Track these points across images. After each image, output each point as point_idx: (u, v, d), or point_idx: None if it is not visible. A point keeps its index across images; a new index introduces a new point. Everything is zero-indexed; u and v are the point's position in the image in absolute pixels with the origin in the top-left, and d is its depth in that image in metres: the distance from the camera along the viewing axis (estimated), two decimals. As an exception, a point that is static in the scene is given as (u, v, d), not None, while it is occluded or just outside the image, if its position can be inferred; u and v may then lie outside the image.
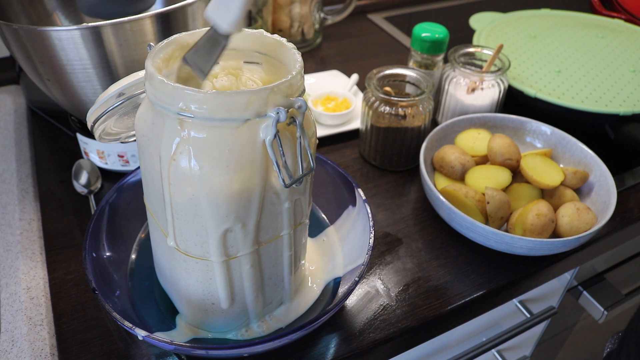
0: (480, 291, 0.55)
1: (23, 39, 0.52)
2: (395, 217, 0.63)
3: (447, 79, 0.73)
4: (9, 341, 0.48)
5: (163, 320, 0.48)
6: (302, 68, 0.38)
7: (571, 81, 0.78)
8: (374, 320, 0.51)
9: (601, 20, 0.96)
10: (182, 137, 0.36)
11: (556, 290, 0.76)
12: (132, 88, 0.42)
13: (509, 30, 0.91)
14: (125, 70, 0.54)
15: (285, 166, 0.37)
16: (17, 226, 0.59)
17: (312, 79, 0.85)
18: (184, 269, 0.43)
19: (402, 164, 0.69)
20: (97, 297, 0.42)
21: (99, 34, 0.50)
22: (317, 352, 0.48)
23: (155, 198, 0.41)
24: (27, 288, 0.52)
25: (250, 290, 0.44)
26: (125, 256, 0.52)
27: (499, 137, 0.63)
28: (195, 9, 0.55)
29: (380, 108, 0.65)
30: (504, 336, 0.65)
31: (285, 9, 0.93)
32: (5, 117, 0.77)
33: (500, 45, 0.72)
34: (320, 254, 0.54)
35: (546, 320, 0.69)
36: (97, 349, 0.47)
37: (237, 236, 0.40)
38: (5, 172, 0.66)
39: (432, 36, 0.73)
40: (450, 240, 0.60)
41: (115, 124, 0.46)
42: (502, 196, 0.57)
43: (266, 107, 0.35)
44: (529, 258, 0.58)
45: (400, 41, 1.03)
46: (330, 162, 0.56)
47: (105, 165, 0.65)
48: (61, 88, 0.56)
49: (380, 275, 0.56)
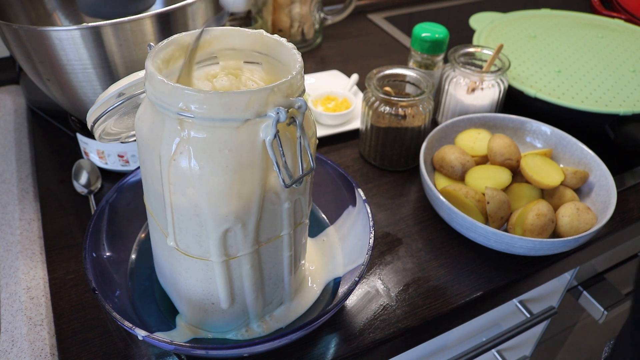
0: (480, 291, 0.55)
1: (23, 39, 0.52)
2: (395, 217, 0.63)
3: (447, 79, 0.73)
4: (9, 341, 0.48)
5: (163, 320, 0.48)
6: (302, 68, 0.38)
7: (571, 81, 0.78)
8: (374, 320, 0.51)
9: (601, 20, 0.96)
10: (182, 137, 0.36)
11: (556, 290, 0.76)
12: (132, 88, 0.42)
13: (509, 30, 0.91)
14: (125, 70, 0.54)
15: (285, 166, 0.37)
16: (17, 226, 0.59)
17: (312, 79, 0.85)
18: (184, 269, 0.43)
19: (402, 164, 0.69)
20: (97, 297, 0.42)
21: (99, 34, 0.50)
22: (317, 352, 0.48)
23: (155, 198, 0.41)
24: (27, 288, 0.52)
25: (250, 291, 0.44)
26: (125, 256, 0.52)
27: (499, 137, 0.63)
28: (195, 9, 0.55)
29: (380, 108, 0.65)
30: (504, 336, 0.65)
31: (285, 9, 0.93)
32: (5, 117, 0.77)
33: (500, 45, 0.72)
34: (320, 254, 0.54)
35: (546, 320, 0.69)
36: (97, 349, 0.47)
37: (237, 236, 0.40)
38: (5, 172, 0.66)
39: (432, 36, 0.73)
40: (450, 240, 0.60)
41: (115, 124, 0.46)
42: (502, 196, 0.57)
43: (266, 107, 0.35)
44: (529, 258, 0.58)
45: (400, 41, 1.03)
46: (330, 162, 0.56)
47: (105, 165, 0.65)
48: (61, 88, 0.56)
49: (380, 275, 0.56)
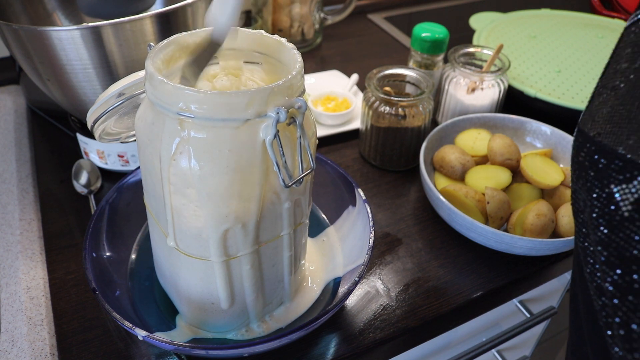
0: (480, 291, 0.55)
1: (23, 39, 0.52)
2: (395, 217, 0.63)
3: (447, 79, 0.73)
4: (9, 341, 0.48)
5: (163, 320, 0.48)
6: (302, 68, 0.38)
7: (571, 81, 0.78)
8: (374, 320, 0.51)
9: (601, 20, 0.96)
10: (182, 137, 0.36)
11: (556, 290, 0.76)
12: (132, 88, 0.42)
13: (509, 30, 0.91)
14: (125, 70, 0.54)
15: (285, 166, 0.37)
16: (17, 226, 0.59)
17: (312, 79, 0.85)
18: (184, 269, 0.43)
19: (402, 164, 0.69)
20: (97, 297, 0.42)
21: (99, 34, 0.50)
22: (317, 352, 0.48)
23: (155, 198, 0.41)
24: (27, 288, 0.52)
25: (250, 291, 0.44)
26: (125, 256, 0.52)
27: (499, 137, 0.63)
28: (195, 9, 0.55)
29: (380, 108, 0.65)
30: (504, 336, 0.65)
31: (285, 9, 0.93)
32: (5, 117, 0.77)
33: (500, 45, 0.72)
34: (320, 254, 0.54)
35: (546, 320, 0.69)
36: (97, 349, 0.47)
37: (237, 236, 0.40)
38: (5, 172, 0.66)
39: (432, 36, 0.73)
40: (450, 240, 0.60)
41: (115, 124, 0.46)
42: (502, 196, 0.57)
43: (266, 107, 0.35)
44: (529, 258, 0.58)
45: (400, 41, 1.03)
46: (330, 162, 0.56)
47: (105, 165, 0.65)
48: (61, 88, 0.56)
49: (380, 275, 0.56)
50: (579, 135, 0.32)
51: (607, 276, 0.30)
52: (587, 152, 0.31)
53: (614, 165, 0.29)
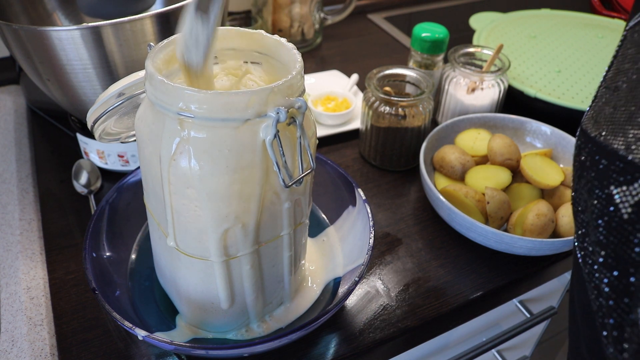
0: (480, 291, 0.55)
1: (23, 39, 0.52)
2: (395, 217, 0.63)
3: (447, 79, 0.73)
4: (9, 341, 0.48)
5: (163, 320, 0.48)
6: (302, 68, 0.38)
7: (571, 81, 0.78)
8: (374, 320, 0.51)
9: (601, 20, 0.96)
10: (182, 137, 0.36)
11: (556, 290, 0.76)
12: (132, 88, 0.42)
13: (509, 30, 0.91)
14: (125, 70, 0.54)
15: (285, 166, 0.37)
16: (17, 226, 0.59)
17: (312, 79, 0.85)
18: (184, 269, 0.43)
19: (402, 164, 0.69)
20: (97, 297, 0.42)
21: (99, 34, 0.50)
22: (317, 352, 0.48)
23: (155, 198, 0.41)
24: (27, 288, 0.52)
25: (250, 291, 0.44)
26: (125, 256, 0.52)
27: (499, 137, 0.63)
28: (195, 9, 0.55)
29: (380, 108, 0.65)
30: (504, 336, 0.65)
31: (285, 9, 0.93)
32: (5, 117, 0.77)
33: (500, 45, 0.72)
34: (320, 254, 0.54)
35: (546, 320, 0.69)
36: (97, 349, 0.47)
37: (237, 236, 0.40)
38: (5, 172, 0.66)
39: (432, 36, 0.73)
40: (450, 240, 0.60)
41: (115, 124, 0.46)
42: (502, 196, 0.57)
43: (266, 107, 0.35)
44: (529, 258, 0.58)
45: (400, 41, 1.03)
46: (330, 162, 0.56)
47: (105, 165, 0.65)
48: (61, 88, 0.56)
49: (380, 275, 0.56)
50: (581, 135, 0.32)
51: (604, 277, 0.30)
52: (589, 152, 0.31)
53: (614, 166, 0.29)
